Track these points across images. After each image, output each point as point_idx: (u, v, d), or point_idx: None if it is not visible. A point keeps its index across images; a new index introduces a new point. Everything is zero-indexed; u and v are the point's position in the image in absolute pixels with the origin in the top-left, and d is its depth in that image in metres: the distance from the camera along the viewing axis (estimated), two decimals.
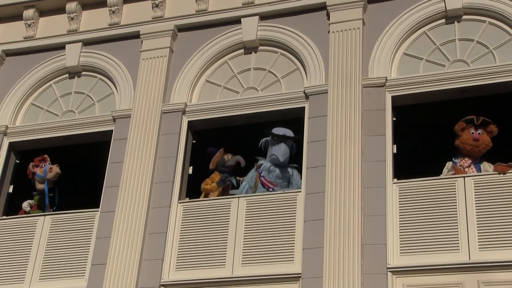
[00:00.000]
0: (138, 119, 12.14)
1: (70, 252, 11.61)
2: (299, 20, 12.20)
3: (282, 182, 11.48)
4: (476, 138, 10.85)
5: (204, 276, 10.82)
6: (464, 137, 10.92)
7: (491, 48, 11.26)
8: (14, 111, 13.14)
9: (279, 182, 11.47)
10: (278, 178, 11.48)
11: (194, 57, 12.51)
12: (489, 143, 10.89)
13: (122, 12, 13.21)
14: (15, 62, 13.57)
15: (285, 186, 11.47)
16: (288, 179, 11.52)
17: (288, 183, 11.49)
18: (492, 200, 10.30)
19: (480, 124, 10.90)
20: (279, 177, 11.48)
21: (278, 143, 11.52)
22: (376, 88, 11.31)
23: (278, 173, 11.47)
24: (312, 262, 10.32)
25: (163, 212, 11.39)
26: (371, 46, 11.62)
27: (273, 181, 11.48)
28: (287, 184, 11.49)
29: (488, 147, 10.89)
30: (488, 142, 10.88)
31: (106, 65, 12.97)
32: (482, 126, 10.91)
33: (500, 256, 9.88)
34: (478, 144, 10.83)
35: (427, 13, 11.67)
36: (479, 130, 10.91)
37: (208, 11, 12.71)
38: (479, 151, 10.89)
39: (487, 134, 10.90)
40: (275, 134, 11.51)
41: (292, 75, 12.05)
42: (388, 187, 10.64)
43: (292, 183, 11.47)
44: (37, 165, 12.66)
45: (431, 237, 10.25)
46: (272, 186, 11.43)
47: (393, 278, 10.14)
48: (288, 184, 11.48)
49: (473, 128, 10.93)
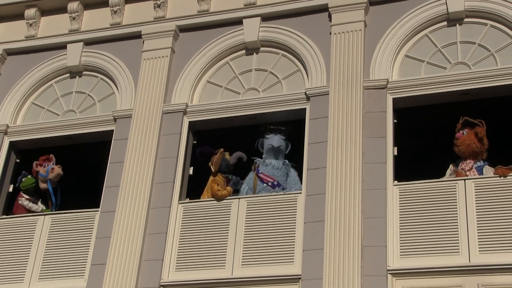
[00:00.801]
0: (139, 119, 12.14)
1: (70, 252, 11.60)
2: (301, 22, 12.20)
3: (280, 174, 11.50)
4: (457, 137, 10.92)
5: (204, 277, 10.81)
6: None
7: (493, 51, 11.26)
8: (15, 110, 13.13)
9: (277, 175, 11.49)
10: (275, 169, 11.54)
11: (195, 58, 12.51)
12: (472, 143, 10.84)
13: (123, 12, 13.21)
14: (16, 61, 13.57)
15: (284, 179, 11.47)
16: (286, 172, 11.54)
17: (286, 177, 11.50)
18: (493, 203, 10.30)
19: (464, 124, 10.93)
20: (275, 167, 11.54)
21: (272, 135, 11.69)
22: (377, 90, 11.31)
23: (274, 164, 11.53)
24: (312, 264, 10.32)
25: (163, 212, 11.38)
26: (373, 48, 11.62)
27: (271, 174, 11.51)
28: (286, 177, 11.50)
29: (471, 147, 10.84)
30: (471, 142, 10.85)
31: (107, 65, 12.97)
32: (467, 126, 10.93)
33: (500, 259, 9.88)
34: (457, 142, 10.88)
35: (429, 15, 11.67)
36: (464, 130, 10.93)
37: (210, 11, 12.71)
38: (459, 151, 10.88)
39: (474, 135, 10.90)
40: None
41: (294, 77, 12.05)
42: (388, 189, 10.64)
43: (290, 176, 11.48)
44: (41, 164, 12.67)
45: (431, 240, 10.24)
46: (271, 180, 11.44)
47: (393, 280, 10.14)
48: (286, 178, 11.49)
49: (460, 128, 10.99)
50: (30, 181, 12.63)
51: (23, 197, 12.56)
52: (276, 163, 11.62)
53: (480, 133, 10.87)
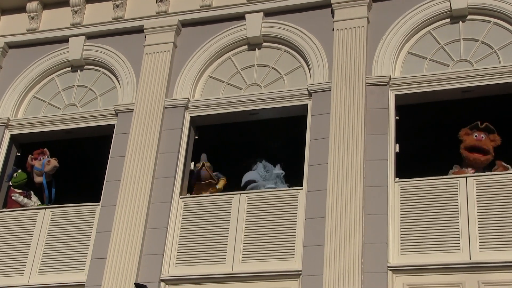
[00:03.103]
0: (141, 114, 12.12)
1: (70, 246, 11.60)
2: (304, 17, 12.18)
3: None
4: (479, 139, 10.84)
5: (204, 272, 10.81)
6: (467, 141, 10.89)
7: (496, 48, 11.24)
8: (16, 104, 13.12)
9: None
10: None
11: (197, 53, 12.49)
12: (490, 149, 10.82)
13: (126, 6, 13.19)
14: (18, 55, 13.55)
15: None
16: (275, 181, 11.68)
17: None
18: (494, 201, 10.30)
19: (484, 129, 10.89)
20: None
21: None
22: (380, 87, 11.30)
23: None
24: (313, 260, 10.32)
25: (164, 207, 11.37)
26: (375, 45, 11.60)
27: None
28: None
29: (490, 155, 10.81)
30: (489, 147, 10.82)
31: (109, 59, 12.96)
32: (486, 131, 10.90)
33: (501, 257, 9.88)
34: (481, 144, 10.79)
35: (432, 12, 11.66)
36: (482, 134, 10.89)
37: (212, 6, 12.69)
38: (482, 163, 10.81)
39: (490, 141, 10.87)
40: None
41: (296, 72, 12.03)
42: (390, 186, 10.63)
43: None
44: (36, 158, 12.65)
45: (432, 237, 10.24)
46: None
47: (393, 277, 10.13)
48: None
49: (477, 132, 10.92)
50: (22, 176, 12.60)
51: (15, 192, 12.51)
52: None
53: (497, 141, 10.86)
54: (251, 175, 11.69)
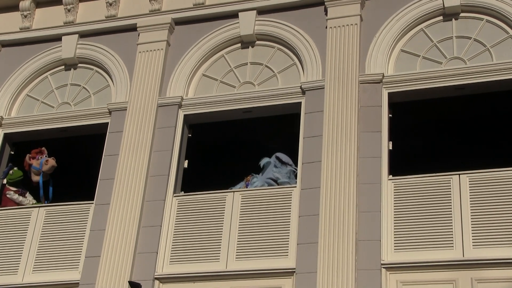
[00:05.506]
0: (134, 112, 12.12)
1: (64, 244, 11.59)
2: (297, 15, 12.18)
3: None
4: None
5: (198, 270, 10.81)
6: None
7: (488, 46, 11.27)
8: (10, 102, 13.10)
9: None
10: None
11: (191, 51, 12.49)
12: None
13: (119, 5, 13.17)
14: (11, 53, 13.52)
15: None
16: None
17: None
18: (487, 198, 10.32)
19: None
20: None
21: (281, 166, 11.60)
22: (373, 85, 11.31)
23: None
24: (307, 257, 10.33)
25: (158, 205, 11.37)
26: (369, 42, 11.61)
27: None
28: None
29: None
30: None
31: (103, 57, 12.94)
32: None
33: (494, 254, 9.90)
34: None
35: (425, 10, 11.67)
36: None
37: (205, 4, 12.68)
38: None
39: None
40: (280, 159, 11.58)
41: (289, 70, 12.04)
42: (383, 184, 10.65)
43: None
44: (34, 157, 12.62)
45: (425, 234, 10.26)
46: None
47: (387, 274, 10.15)
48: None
49: None
50: (18, 174, 12.58)
51: (10, 190, 12.49)
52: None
53: None
54: (269, 174, 11.60)
